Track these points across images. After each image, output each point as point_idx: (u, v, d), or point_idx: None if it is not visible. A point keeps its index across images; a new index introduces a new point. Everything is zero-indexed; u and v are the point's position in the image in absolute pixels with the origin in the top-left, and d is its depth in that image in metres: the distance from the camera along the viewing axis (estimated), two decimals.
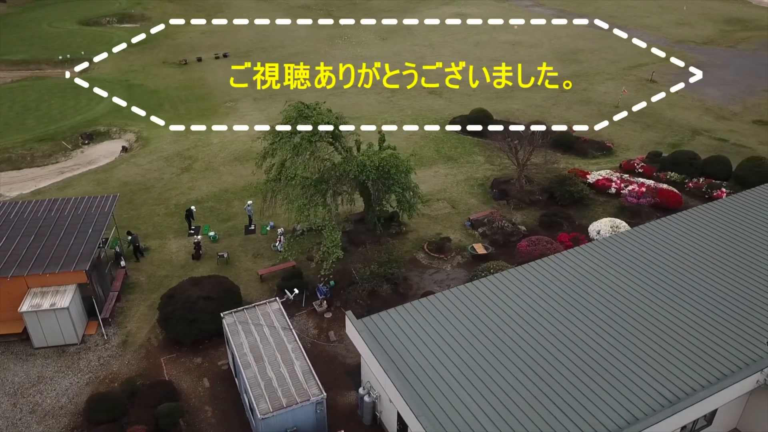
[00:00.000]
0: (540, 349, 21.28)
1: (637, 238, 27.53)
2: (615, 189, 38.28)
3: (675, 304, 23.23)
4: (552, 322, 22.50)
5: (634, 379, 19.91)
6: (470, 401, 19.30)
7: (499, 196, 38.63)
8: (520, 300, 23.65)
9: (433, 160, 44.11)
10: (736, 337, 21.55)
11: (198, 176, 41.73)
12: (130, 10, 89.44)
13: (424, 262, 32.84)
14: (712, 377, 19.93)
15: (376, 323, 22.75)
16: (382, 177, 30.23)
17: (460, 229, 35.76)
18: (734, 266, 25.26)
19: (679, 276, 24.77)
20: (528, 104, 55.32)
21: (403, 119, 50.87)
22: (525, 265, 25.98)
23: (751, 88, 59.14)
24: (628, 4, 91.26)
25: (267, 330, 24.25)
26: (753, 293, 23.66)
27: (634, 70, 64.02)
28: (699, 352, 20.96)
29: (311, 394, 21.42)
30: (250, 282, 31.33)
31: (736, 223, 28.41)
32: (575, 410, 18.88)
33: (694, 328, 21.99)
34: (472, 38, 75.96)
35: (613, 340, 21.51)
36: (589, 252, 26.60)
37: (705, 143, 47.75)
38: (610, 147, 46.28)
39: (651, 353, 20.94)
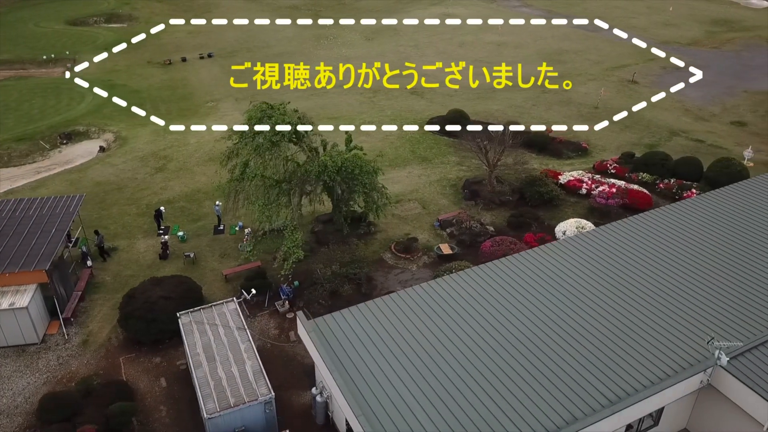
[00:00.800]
0: (487, 349, 21.36)
1: (598, 239, 27.61)
2: (586, 190, 38.37)
3: (626, 304, 23.32)
4: (502, 321, 22.58)
5: (578, 379, 20.00)
6: (413, 402, 19.36)
7: (469, 197, 38.71)
8: (472, 300, 23.72)
9: (407, 160, 44.18)
10: (683, 337, 21.63)
11: (171, 176, 41.80)
12: (118, 10, 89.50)
13: (390, 263, 32.91)
14: (655, 377, 20.02)
15: (328, 324, 22.82)
16: (346, 178, 30.30)
17: (429, 229, 35.83)
18: (688, 267, 25.34)
19: (633, 276, 24.86)
20: (508, 105, 55.42)
21: (381, 119, 50.97)
22: (482, 266, 26.07)
23: (732, 89, 59.26)
24: (616, 5, 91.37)
25: (222, 330, 24.34)
26: (704, 294, 23.74)
27: (616, 71, 64.14)
28: (645, 352, 21.04)
29: (260, 393, 21.52)
30: (214, 282, 31.41)
31: (696, 224, 28.48)
32: (516, 411, 18.95)
33: (642, 328, 22.08)
34: (458, 39, 76.05)
35: (561, 340, 21.61)
36: (547, 252, 26.68)
37: (682, 144, 47.85)
38: (585, 148, 46.37)
39: (597, 353, 21.02)
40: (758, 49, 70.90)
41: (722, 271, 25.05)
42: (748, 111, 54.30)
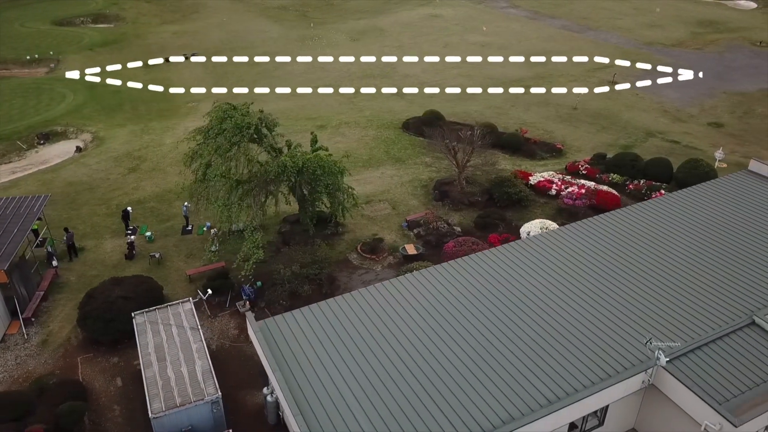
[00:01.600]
0: (432, 349, 21.47)
1: (555, 240, 27.73)
2: (556, 191, 38.48)
3: (576, 304, 23.45)
4: (450, 321, 22.70)
5: (519, 379, 20.12)
6: (354, 402, 19.47)
7: (439, 198, 38.82)
8: (423, 300, 23.84)
9: (381, 161, 44.29)
10: (628, 337, 21.75)
11: (144, 176, 41.91)
12: (106, 11, 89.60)
13: (355, 263, 33.03)
14: (596, 377, 20.13)
15: (278, 324, 22.94)
16: (308, 178, 30.39)
17: (397, 230, 35.95)
18: (640, 269, 25.47)
19: (585, 276, 24.99)
20: (487, 106, 55.49)
21: (358, 120, 51.07)
22: (436, 266, 26.22)
23: (712, 90, 59.34)
24: (603, 6, 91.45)
25: (175, 330, 24.45)
26: (652, 295, 23.86)
27: (598, 71, 64.19)
28: (589, 352, 21.17)
29: (207, 393, 21.62)
30: (178, 282, 31.53)
31: (653, 226, 28.61)
32: (455, 410, 19.07)
33: (589, 328, 22.20)
34: (443, 39, 76.11)
35: (506, 339, 21.71)
36: (503, 253, 26.80)
37: (657, 145, 47.97)
38: (560, 148, 46.47)
39: (541, 352, 21.15)
40: (741, 50, 71.01)
41: (673, 272, 25.17)
42: (726, 112, 54.41)
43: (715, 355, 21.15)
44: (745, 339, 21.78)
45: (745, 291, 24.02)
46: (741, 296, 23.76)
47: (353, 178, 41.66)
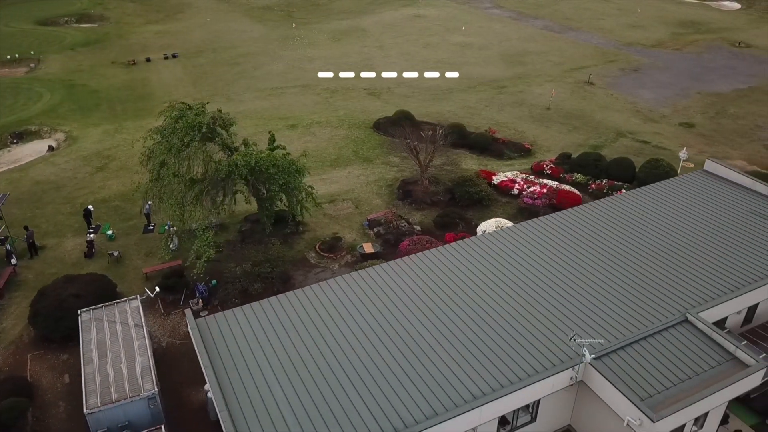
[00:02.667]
0: (367, 345, 21.76)
1: (502, 238, 28.01)
2: (518, 190, 38.73)
3: (513, 300, 23.75)
4: (387, 317, 23.01)
5: (447, 374, 20.43)
6: (283, 399, 19.75)
7: (402, 197, 39.08)
8: (364, 296, 24.14)
9: (349, 160, 44.53)
10: (561, 334, 22.00)
11: (111, 175, 42.15)
12: (90, 11, 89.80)
13: (313, 262, 33.27)
14: (524, 373, 20.38)
15: (217, 321, 23.21)
16: (261, 177, 30.61)
17: (358, 228, 36.19)
18: (579, 267, 25.76)
19: (526, 273, 25.27)
20: (461, 106, 55.73)
21: (330, 120, 51.31)
22: (380, 265, 26.48)
23: (686, 90, 59.64)
24: (587, 7, 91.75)
25: (120, 327, 24.68)
26: (588, 294, 24.15)
27: (575, 72, 64.44)
28: (520, 349, 21.48)
29: (144, 389, 21.85)
30: (135, 280, 31.76)
31: (601, 224, 28.87)
32: (381, 406, 19.37)
33: (523, 325, 22.49)
34: (424, 40, 76.36)
35: (440, 335, 22.03)
36: (449, 250, 27.06)
37: (627, 145, 48.26)
38: (528, 148, 46.72)
39: (472, 348, 21.46)
40: (719, 51, 71.32)
41: (613, 270, 25.47)
42: (699, 113, 54.69)
43: (644, 352, 21.43)
44: (676, 336, 22.05)
45: (683, 289, 24.31)
46: (678, 294, 24.04)
47: (319, 177, 42.15)
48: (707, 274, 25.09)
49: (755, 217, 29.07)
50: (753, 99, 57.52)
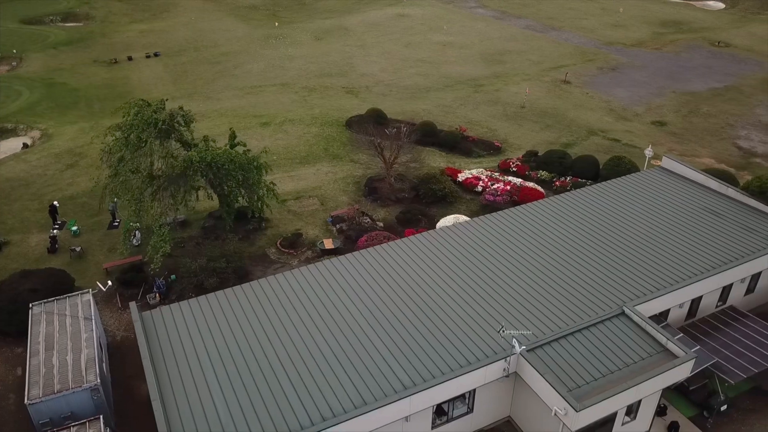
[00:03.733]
0: (307, 338, 22.17)
1: (453, 233, 28.38)
2: (482, 187, 39.09)
3: (455, 294, 24.19)
4: (330, 310, 23.44)
5: (381, 366, 20.78)
6: (217, 389, 20.11)
7: (368, 194, 39.44)
8: (310, 290, 24.54)
9: (319, 157, 44.88)
10: (497, 327, 22.33)
11: (80, 172, 42.44)
12: (76, 9, 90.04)
13: (273, 257, 33.61)
14: (457, 364, 20.72)
15: (162, 314, 23.57)
16: (219, 173, 30.93)
17: (321, 225, 36.54)
18: (527, 261, 26.12)
19: (471, 267, 25.65)
20: (437, 104, 56.07)
21: (303, 118, 51.63)
22: (333, 259, 26.84)
23: (661, 89, 60.02)
24: (571, 6, 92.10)
25: (69, 320, 24.99)
26: (532, 287, 24.51)
27: (553, 71, 64.80)
28: (455, 340, 21.86)
29: (87, 380, 22.16)
30: (96, 275, 32.06)
31: (552, 220, 29.23)
32: (312, 397, 19.75)
33: (461, 318, 22.88)
34: (406, 39, 76.69)
35: (380, 328, 22.46)
36: (399, 246, 27.43)
37: (597, 143, 48.64)
38: (498, 146, 47.09)
39: (409, 340, 21.85)
40: (698, 50, 71.71)
41: (558, 265, 25.86)
42: (671, 111, 55.08)
43: (578, 344, 21.79)
44: (611, 329, 22.42)
45: (624, 282, 24.69)
46: (619, 287, 24.42)
47: (287, 174, 42.55)
48: (650, 268, 25.46)
49: (706, 214, 29.44)
50: (727, 98, 57.92)
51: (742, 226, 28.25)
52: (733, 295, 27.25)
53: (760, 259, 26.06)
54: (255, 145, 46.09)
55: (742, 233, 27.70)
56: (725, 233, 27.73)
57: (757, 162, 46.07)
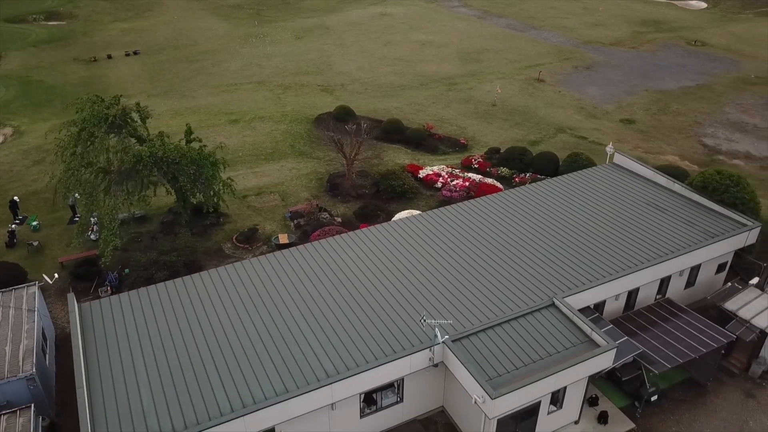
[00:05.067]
0: (238, 327, 22.60)
1: (397, 227, 28.78)
2: (442, 183, 39.48)
3: (391, 286, 24.56)
4: (265, 301, 23.81)
5: (308, 354, 21.19)
6: (144, 378, 20.50)
7: (329, 189, 39.83)
8: (248, 281, 24.90)
9: (285, 154, 45.26)
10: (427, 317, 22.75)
11: (47, 169, 42.30)
12: (59, 8, 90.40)
13: (228, 252, 33.97)
14: (382, 354, 21.10)
15: (101, 306, 23.93)
16: (171, 168, 31.29)
17: (280, 220, 36.91)
18: (465, 254, 26.53)
19: (410, 260, 26.03)
20: (409, 102, 56.43)
21: (273, 115, 52.02)
22: (276, 253, 27.26)
23: (634, 88, 60.40)
24: (553, 5, 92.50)
25: (12, 311, 25.36)
26: (465, 280, 24.92)
27: (528, 69, 65.17)
28: (384, 330, 22.23)
29: (22, 370, 22.53)
30: (51, 269, 32.35)
31: (496, 214, 29.63)
32: (235, 384, 20.08)
33: (393, 308, 23.23)
34: (386, 38, 77.05)
35: (311, 318, 22.87)
36: (344, 239, 27.82)
37: (564, 141, 49.02)
38: (464, 144, 47.46)
39: (339, 330, 22.23)
40: (674, 49, 72.11)
41: (494, 258, 26.22)
42: (641, 109, 55.47)
43: (504, 335, 22.18)
44: (539, 320, 22.80)
45: (557, 275, 25.08)
46: (553, 279, 24.81)
47: (251, 170, 42.95)
48: (586, 261, 25.86)
49: (649, 208, 29.83)
50: (698, 96, 58.33)
51: (683, 220, 28.64)
52: (672, 288, 27.64)
53: (695, 252, 26.45)
54: (222, 142, 46.80)
55: (682, 227, 28.09)
56: (665, 227, 28.12)
57: (720, 159, 46.45)
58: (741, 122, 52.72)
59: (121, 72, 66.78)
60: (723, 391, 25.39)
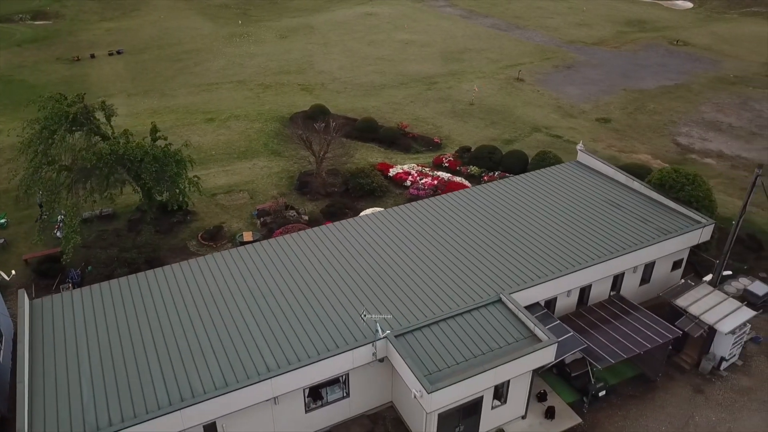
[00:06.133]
0: (186, 323, 22.72)
1: (355, 224, 28.99)
2: (411, 182, 39.68)
3: (342, 282, 24.71)
4: (215, 297, 23.97)
5: (251, 349, 21.33)
6: (87, 372, 20.63)
7: (299, 187, 40.03)
8: (201, 279, 25.08)
9: (257, 152, 45.45)
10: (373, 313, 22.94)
11: (20, 167, 42.66)
12: (46, 8, 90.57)
13: (192, 250, 34.13)
14: (325, 348, 21.30)
15: (53, 301, 24.12)
16: (134, 166, 31.48)
17: (247, 218, 37.09)
18: (418, 250, 26.74)
19: (364, 257, 26.21)
20: (387, 102, 56.61)
21: (249, 114, 52.21)
22: (231, 250, 27.44)
23: (612, 87, 60.60)
24: (539, 5, 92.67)
25: None
26: (415, 275, 25.12)
27: (508, 69, 65.37)
28: (329, 325, 22.36)
29: None
30: (16, 266, 32.61)
31: (456, 211, 29.83)
32: (176, 378, 20.24)
33: (341, 303, 23.42)
34: (370, 37, 77.25)
35: (258, 314, 23.08)
36: (298, 237, 28.04)
37: (539, 139, 49.23)
38: (438, 142, 47.64)
39: (284, 326, 22.36)
40: (656, 49, 72.33)
41: (447, 254, 26.43)
42: (618, 108, 55.67)
43: (449, 330, 22.36)
44: (485, 315, 23.00)
45: (508, 271, 25.27)
46: (503, 275, 25.00)
47: (223, 168, 43.15)
48: (537, 258, 26.05)
49: (607, 206, 30.03)
50: (675, 95, 58.54)
51: (638, 217, 28.84)
52: (626, 285, 27.85)
53: (647, 249, 26.65)
54: (196, 141, 47.06)
55: (636, 224, 28.29)
56: (620, 224, 28.32)
57: (692, 158, 46.69)
58: (716, 121, 52.94)
59: (103, 71, 66.98)
60: (672, 386, 25.60)
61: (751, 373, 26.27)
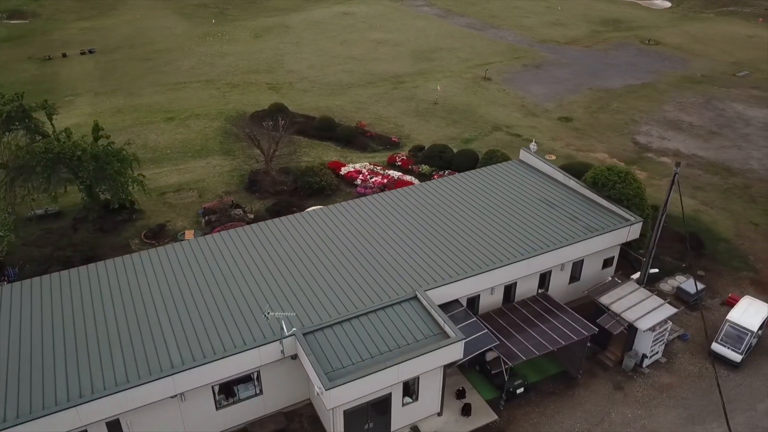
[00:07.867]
0: (100, 321, 22.80)
1: (288, 222, 29.12)
2: (361, 180, 39.76)
3: (262, 280, 24.81)
4: (134, 294, 24.12)
5: (159, 344, 21.40)
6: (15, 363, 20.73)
7: (248, 186, 40.11)
8: (131, 274, 25.27)
9: (212, 151, 45.53)
10: (280, 310, 23.00)
11: None
12: (23, 7, 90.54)
13: (134, 248, 34.16)
14: (232, 346, 21.38)
15: None
16: (71, 164, 31.55)
17: (192, 217, 37.16)
18: (344, 247, 26.83)
19: (288, 253, 26.31)
20: (352, 101, 56.68)
21: (210, 112, 52.27)
22: (167, 246, 27.59)
23: (579, 86, 60.68)
24: (516, 5, 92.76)
25: None
26: (327, 274, 25.18)
27: (477, 68, 65.45)
28: (241, 323, 22.45)
29: None
30: None
31: (389, 209, 29.91)
32: (91, 371, 20.32)
33: (257, 300, 23.50)
34: (343, 36, 77.30)
35: (172, 309, 23.16)
36: (225, 236, 28.11)
37: (498, 138, 49.33)
38: (396, 142, 47.71)
39: (196, 321, 22.46)
40: (628, 48, 72.45)
41: (371, 252, 26.52)
42: (581, 107, 55.76)
43: (360, 327, 22.45)
44: (398, 313, 23.08)
45: (428, 268, 25.35)
46: (422, 272, 25.09)
47: (176, 167, 43.21)
48: (460, 255, 26.12)
49: (540, 204, 30.12)
50: (640, 95, 58.65)
51: (569, 215, 28.94)
52: (555, 283, 27.96)
53: (572, 246, 26.75)
54: (153, 139, 47.21)
55: (566, 222, 28.39)
56: (550, 222, 28.42)
57: (649, 157, 46.81)
58: (677, 120, 53.07)
59: (72, 70, 67.01)
60: (593, 383, 25.71)
61: (674, 370, 26.38)
